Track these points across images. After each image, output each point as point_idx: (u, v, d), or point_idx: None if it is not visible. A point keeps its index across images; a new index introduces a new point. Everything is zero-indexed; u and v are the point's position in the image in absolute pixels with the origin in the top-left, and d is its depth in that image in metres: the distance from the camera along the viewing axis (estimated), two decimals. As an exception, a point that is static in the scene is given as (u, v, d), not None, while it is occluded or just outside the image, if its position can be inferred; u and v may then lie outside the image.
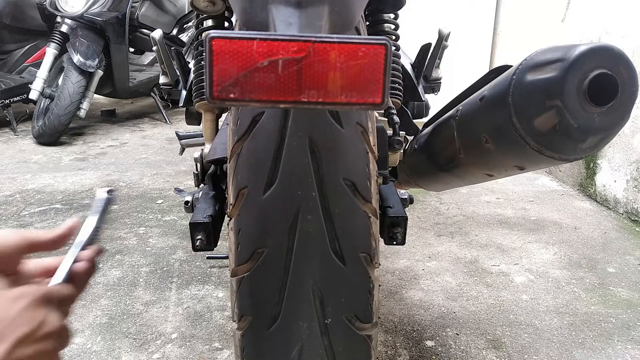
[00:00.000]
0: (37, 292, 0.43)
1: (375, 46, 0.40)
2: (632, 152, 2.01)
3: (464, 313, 1.37)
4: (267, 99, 0.40)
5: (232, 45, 0.39)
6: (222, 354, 1.18)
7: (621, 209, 2.07)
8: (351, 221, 0.58)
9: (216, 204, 0.76)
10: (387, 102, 0.42)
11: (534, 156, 0.60)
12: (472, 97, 0.71)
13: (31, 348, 0.40)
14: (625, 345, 1.24)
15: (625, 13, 2.05)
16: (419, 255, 1.70)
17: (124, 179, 2.45)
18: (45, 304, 0.43)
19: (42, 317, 0.42)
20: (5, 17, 3.46)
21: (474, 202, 2.23)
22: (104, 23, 3.13)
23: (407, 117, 0.97)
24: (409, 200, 0.86)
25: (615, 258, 1.70)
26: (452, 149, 0.77)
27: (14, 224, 1.88)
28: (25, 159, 2.79)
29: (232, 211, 0.60)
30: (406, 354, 1.20)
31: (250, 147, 0.56)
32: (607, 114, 0.54)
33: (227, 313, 1.34)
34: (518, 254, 1.72)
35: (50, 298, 0.44)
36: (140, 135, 3.37)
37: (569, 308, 1.40)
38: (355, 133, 0.57)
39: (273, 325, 0.58)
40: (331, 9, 0.48)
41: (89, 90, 3.16)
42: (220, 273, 1.55)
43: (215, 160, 0.77)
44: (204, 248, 0.72)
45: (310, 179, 0.54)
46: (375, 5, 0.87)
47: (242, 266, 0.58)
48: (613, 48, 0.53)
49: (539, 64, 0.56)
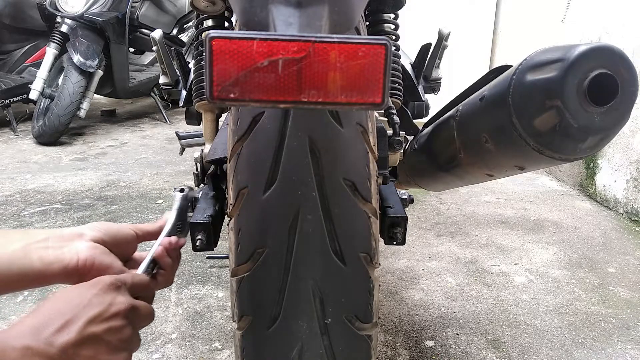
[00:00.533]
0: (108, 280, 0.51)
1: (375, 46, 0.40)
2: (632, 152, 2.01)
3: (464, 313, 1.37)
4: (267, 99, 0.40)
5: (232, 45, 0.39)
6: (222, 354, 1.18)
7: (621, 209, 2.07)
8: (351, 221, 0.58)
9: (216, 204, 0.76)
10: (387, 102, 0.42)
11: (534, 156, 0.60)
12: (472, 97, 0.71)
13: (101, 326, 0.47)
14: (625, 345, 1.24)
15: (625, 13, 2.05)
16: (419, 255, 1.70)
17: (124, 179, 2.45)
18: (115, 289, 0.50)
19: (110, 300, 0.49)
20: (5, 17, 3.46)
21: (474, 202, 2.23)
22: (104, 23, 3.13)
23: (407, 117, 0.97)
24: (409, 200, 0.86)
25: (615, 258, 1.70)
26: (452, 149, 0.77)
27: (14, 224, 1.88)
28: (25, 159, 2.79)
29: (232, 211, 0.60)
30: (406, 354, 1.20)
31: (250, 147, 0.56)
32: (607, 114, 0.54)
33: (227, 313, 1.34)
34: (518, 254, 1.72)
35: (119, 284, 0.51)
36: (140, 135, 3.37)
37: (569, 308, 1.40)
38: (355, 133, 0.57)
39: (273, 325, 0.58)
40: (331, 9, 0.48)
41: (89, 90, 3.16)
42: (220, 273, 1.55)
43: (215, 160, 0.77)
44: (204, 248, 0.72)
45: (310, 179, 0.54)
46: (375, 5, 0.87)
47: (242, 266, 0.58)
48: (613, 48, 0.53)
49: (539, 64, 0.56)
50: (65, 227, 1.83)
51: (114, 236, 0.60)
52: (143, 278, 0.58)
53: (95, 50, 3.09)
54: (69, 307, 0.47)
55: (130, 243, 0.63)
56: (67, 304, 0.47)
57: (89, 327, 0.47)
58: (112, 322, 0.49)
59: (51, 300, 0.48)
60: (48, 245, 0.54)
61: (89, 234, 0.58)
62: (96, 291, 0.49)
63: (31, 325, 0.45)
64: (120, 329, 0.49)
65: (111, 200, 2.15)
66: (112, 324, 0.49)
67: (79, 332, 0.46)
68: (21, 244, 0.53)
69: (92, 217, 1.96)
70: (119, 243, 0.61)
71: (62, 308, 0.47)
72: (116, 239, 0.61)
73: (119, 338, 0.49)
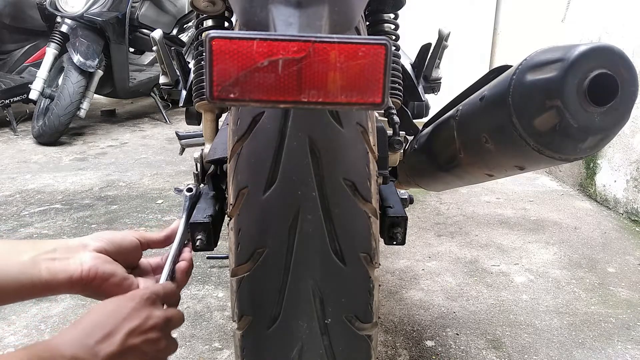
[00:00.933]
0: (144, 294, 0.55)
1: (375, 46, 0.40)
2: (632, 152, 2.01)
3: (464, 313, 1.37)
4: (267, 99, 0.40)
5: (232, 45, 0.39)
6: (222, 354, 1.18)
7: (621, 209, 2.07)
8: (351, 221, 0.58)
9: (216, 204, 0.76)
10: (387, 102, 0.42)
11: (534, 156, 0.60)
12: (472, 97, 0.71)
13: (140, 338, 0.52)
14: (625, 345, 1.24)
15: (625, 13, 2.05)
16: (419, 255, 1.70)
17: (124, 179, 2.45)
18: (151, 303, 0.55)
19: (147, 313, 0.53)
20: (5, 17, 3.46)
21: (474, 202, 2.23)
22: (104, 23, 3.13)
23: (407, 117, 0.97)
24: (409, 200, 0.86)
25: (615, 258, 1.70)
26: (452, 149, 0.77)
27: (14, 224, 1.88)
28: (25, 159, 2.79)
29: (232, 211, 0.60)
30: (406, 354, 1.20)
31: (250, 147, 0.56)
32: (607, 114, 0.54)
33: (227, 313, 1.34)
34: (518, 254, 1.72)
35: (153, 297, 0.56)
36: (140, 135, 3.37)
37: (569, 308, 1.40)
38: (355, 133, 0.57)
39: (273, 325, 0.58)
40: (331, 9, 0.48)
41: (89, 90, 3.16)
42: (220, 273, 1.55)
43: (215, 160, 0.77)
44: (204, 248, 0.72)
45: (310, 179, 0.54)
46: (375, 5, 0.87)
47: (242, 266, 0.58)
48: (613, 48, 0.53)
49: (539, 64, 0.56)
50: (65, 226, 1.84)
51: (117, 245, 0.63)
52: (172, 287, 0.62)
53: (95, 50, 3.09)
54: (109, 320, 0.51)
55: (133, 251, 0.65)
56: (108, 317, 0.51)
57: (129, 339, 0.51)
58: (149, 334, 0.53)
59: (92, 313, 0.52)
60: (55, 256, 0.57)
61: (92, 245, 0.60)
62: (134, 305, 0.53)
63: (77, 336, 0.49)
64: (156, 341, 0.54)
65: (111, 200, 2.15)
66: (149, 336, 0.53)
67: (121, 343, 0.50)
68: (30, 255, 0.56)
69: (92, 217, 1.96)
70: (123, 251, 0.64)
71: (103, 321, 0.51)
72: (120, 248, 0.63)
73: (156, 349, 0.54)
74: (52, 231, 1.83)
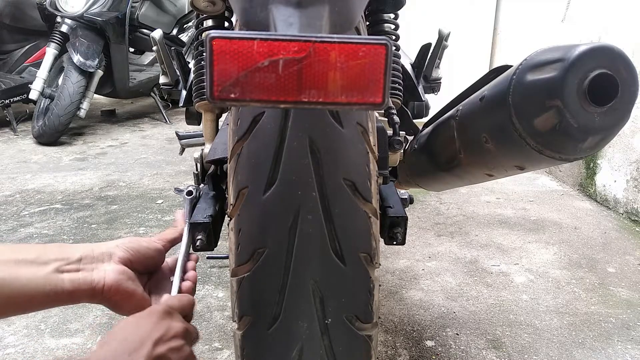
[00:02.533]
0: (161, 309, 0.59)
1: (375, 46, 0.40)
2: (632, 152, 2.01)
3: (464, 313, 1.37)
4: (268, 99, 0.40)
5: (232, 45, 0.39)
6: (222, 354, 1.18)
7: (621, 209, 2.07)
8: (351, 221, 0.57)
9: (216, 204, 0.76)
10: (387, 102, 0.42)
11: (534, 156, 0.60)
12: (472, 97, 0.71)
13: (165, 346, 0.55)
14: (625, 345, 1.24)
15: (625, 13, 2.05)
16: (419, 255, 1.70)
17: (124, 179, 2.45)
18: (168, 316, 0.59)
19: (167, 325, 0.57)
20: (5, 17, 3.46)
21: (474, 202, 2.23)
22: (104, 23, 3.13)
23: (407, 117, 0.97)
24: (409, 200, 0.86)
25: (615, 258, 1.70)
26: (452, 149, 0.77)
27: (14, 224, 1.88)
28: (25, 159, 2.79)
29: (232, 211, 0.60)
30: (406, 354, 1.20)
31: (251, 147, 0.56)
32: (607, 114, 0.54)
33: (227, 313, 1.34)
34: (518, 254, 1.72)
35: (170, 311, 0.59)
36: (140, 135, 3.37)
37: (569, 308, 1.40)
38: (355, 133, 0.57)
39: (273, 326, 0.58)
40: (331, 9, 0.48)
41: (89, 90, 3.16)
42: (220, 273, 1.55)
43: (216, 160, 0.77)
44: (204, 248, 0.72)
45: (310, 179, 0.54)
46: (375, 5, 0.87)
47: (242, 266, 0.58)
48: (613, 48, 0.53)
49: (539, 64, 0.56)
50: (65, 226, 1.85)
51: (143, 254, 0.66)
52: (187, 299, 0.65)
53: (95, 50, 3.09)
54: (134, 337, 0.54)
55: (157, 257, 0.68)
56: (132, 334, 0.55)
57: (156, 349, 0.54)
58: (173, 342, 0.57)
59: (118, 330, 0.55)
60: (79, 267, 0.60)
61: (118, 254, 0.63)
62: (155, 319, 0.57)
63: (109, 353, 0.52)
64: (180, 348, 0.57)
65: (111, 200, 2.15)
66: (173, 344, 0.56)
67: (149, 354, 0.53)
68: (56, 266, 0.58)
69: (92, 217, 1.96)
70: (147, 261, 0.67)
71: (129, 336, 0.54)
72: (145, 257, 0.66)
73: (181, 356, 0.57)
74: (52, 231, 1.82)
